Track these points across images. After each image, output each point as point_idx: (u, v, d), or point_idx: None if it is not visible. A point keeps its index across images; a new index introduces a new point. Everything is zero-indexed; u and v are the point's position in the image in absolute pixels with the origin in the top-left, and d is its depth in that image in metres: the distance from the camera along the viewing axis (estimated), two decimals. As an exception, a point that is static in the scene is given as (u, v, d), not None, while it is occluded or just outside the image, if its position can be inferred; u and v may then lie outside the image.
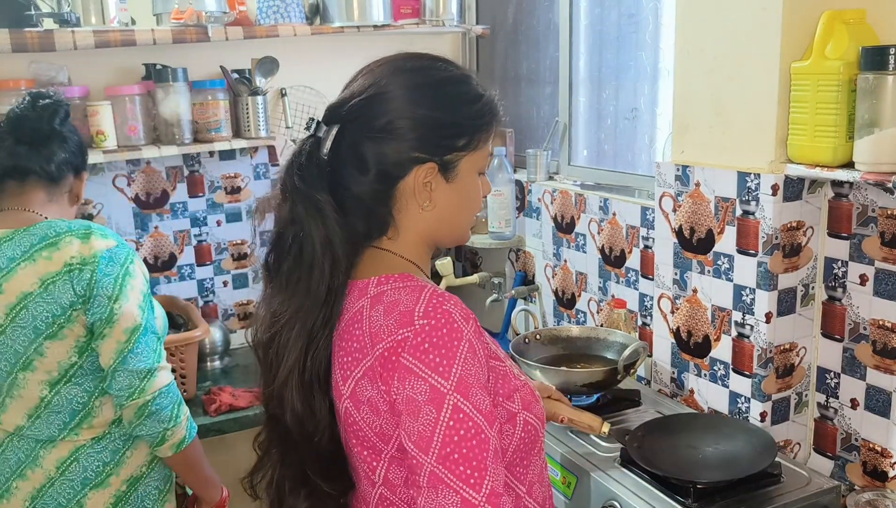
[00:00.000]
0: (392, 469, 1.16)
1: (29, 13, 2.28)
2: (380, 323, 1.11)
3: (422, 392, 1.05)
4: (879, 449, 1.78)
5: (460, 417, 1.04)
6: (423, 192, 1.17)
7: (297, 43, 2.71)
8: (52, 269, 1.62)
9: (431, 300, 1.09)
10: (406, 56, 1.22)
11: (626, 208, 2.31)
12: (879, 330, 1.75)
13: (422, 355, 1.06)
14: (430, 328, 1.07)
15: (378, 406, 1.11)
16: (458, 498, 1.02)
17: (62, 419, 1.69)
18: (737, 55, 1.83)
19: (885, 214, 1.70)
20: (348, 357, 1.15)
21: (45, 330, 1.63)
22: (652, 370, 2.19)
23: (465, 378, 1.06)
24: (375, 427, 1.13)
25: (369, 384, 1.11)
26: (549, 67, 2.78)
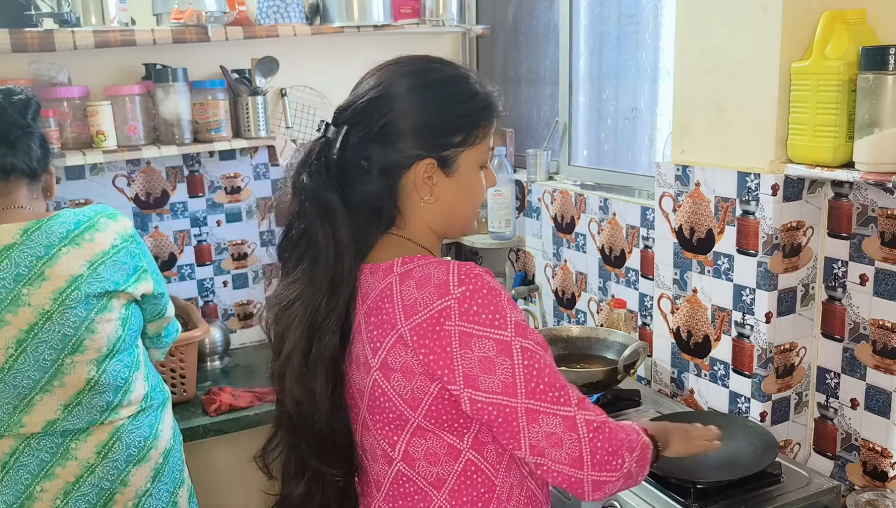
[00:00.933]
0: (413, 443, 1.22)
1: (29, 13, 2.28)
2: (414, 296, 1.17)
3: (490, 349, 1.15)
4: (879, 449, 1.78)
5: (530, 355, 1.16)
6: (425, 186, 1.24)
7: (297, 43, 2.70)
8: (97, 250, 1.69)
9: (461, 269, 1.17)
10: (407, 59, 1.29)
11: (626, 208, 2.31)
12: (879, 330, 1.75)
13: (474, 317, 1.15)
14: (471, 293, 1.15)
15: (413, 369, 1.18)
16: (559, 419, 1.15)
17: (106, 399, 1.73)
18: (737, 55, 1.83)
19: (885, 214, 1.70)
20: (378, 330, 1.20)
21: (96, 305, 1.68)
22: (652, 370, 2.19)
23: (518, 322, 1.17)
24: (406, 394, 1.19)
25: (402, 350, 1.18)
26: (549, 67, 2.78)
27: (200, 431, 2.25)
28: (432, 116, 1.23)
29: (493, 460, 1.24)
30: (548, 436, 1.15)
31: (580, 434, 1.15)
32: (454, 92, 1.26)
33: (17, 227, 1.67)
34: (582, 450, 1.15)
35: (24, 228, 1.67)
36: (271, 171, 2.83)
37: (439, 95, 1.24)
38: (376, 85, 1.24)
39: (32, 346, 1.66)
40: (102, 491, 1.73)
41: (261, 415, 2.33)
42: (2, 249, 1.65)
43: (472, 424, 1.22)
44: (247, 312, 2.88)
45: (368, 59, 1.30)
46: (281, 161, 2.77)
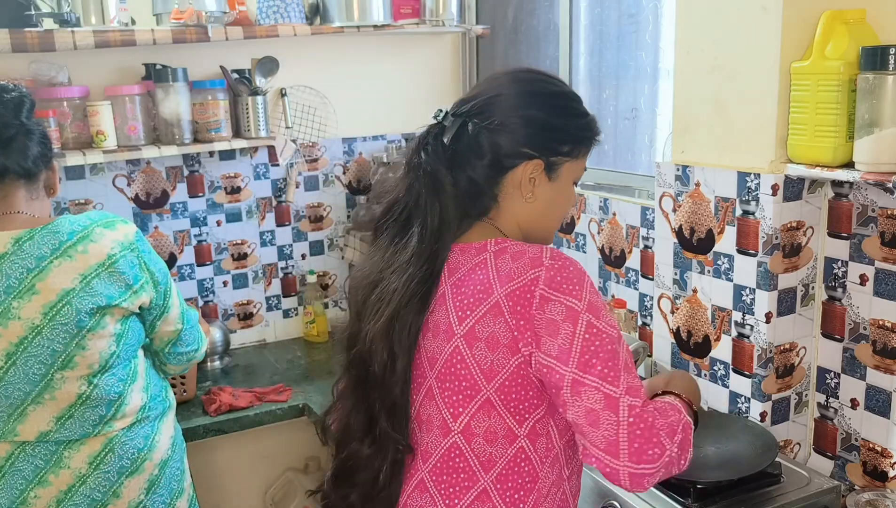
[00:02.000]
0: (477, 417, 1.27)
1: (29, 13, 2.29)
2: (509, 266, 1.25)
3: (559, 313, 1.20)
4: (879, 449, 1.78)
5: (594, 331, 1.19)
6: (528, 185, 1.32)
7: (297, 43, 2.71)
8: (91, 262, 1.63)
9: (554, 251, 1.26)
10: (528, 69, 1.40)
11: (626, 208, 2.31)
12: (879, 330, 1.75)
13: (556, 285, 1.21)
14: (560, 267, 1.23)
15: (498, 340, 1.23)
16: (601, 395, 1.17)
17: (98, 413, 1.69)
18: (737, 55, 1.83)
19: (885, 214, 1.70)
20: (469, 299, 1.27)
21: (87, 323, 1.63)
22: (652, 370, 2.19)
23: (594, 303, 1.22)
24: (485, 363, 1.25)
25: (492, 319, 1.23)
26: (549, 66, 2.77)
27: (200, 431, 2.25)
28: (550, 121, 1.32)
29: (543, 453, 1.29)
30: (587, 412, 1.17)
31: (619, 417, 1.15)
32: (571, 106, 1.36)
33: (10, 236, 1.62)
34: (619, 435, 1.15)
35: (16, 237, 1.62)
36: (271, 171, 2.83)
37: (559, 105, 1.35)
38: (500, 85, 1.34)
39: (22, 360, 1.62)
40: (94, 502, 1.70)
41: (261, 415, 2.33)
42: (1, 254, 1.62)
43: (533, 411, 1.27)
44: (247, 312, 2.88)
45: (368, 59, 1.31)
46: (281, 161, 2.77)
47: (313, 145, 2.86)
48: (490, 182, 1.33)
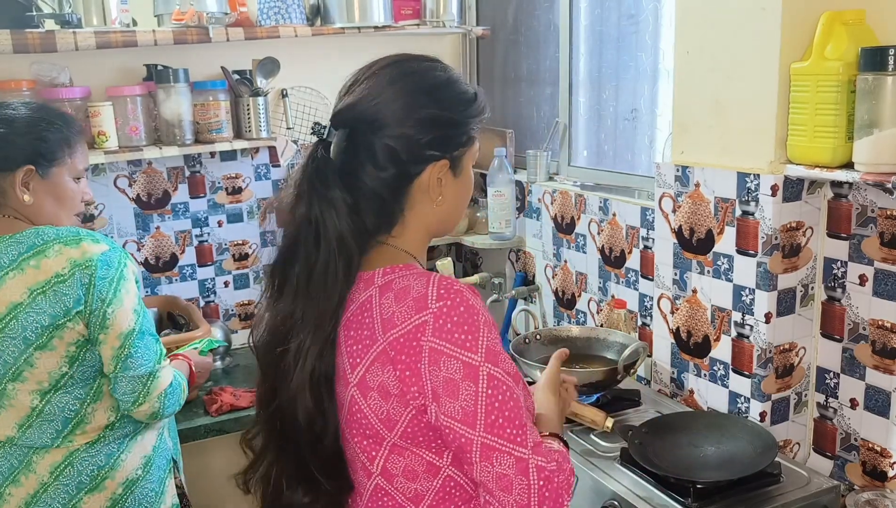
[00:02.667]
0: (392, 459, 1.20)
1: (30, 14, 2.29)
2: (392, 309, 1.15)
3: (457, 371, 1.11)
4: (879, 449, 1.79)
5: (495, 384, 1.12)
6: (437, 188, 1.23)
7: (298, 44, 2.71)
8: (40, 278, 1.59)
9: (441, 283, 1.15)
10: (406, 58, 1.27)
11: (626, 209, 2.31)
12: (879, 330, 1.75)
13: (447, 335, 1.11)
14: (448, 309, 1.12)
15: (388, 391, 1.15)
16: (512, 459, 1.11)
17: (55, 427, 1.67)
18: (736, 56, 1.83)
19: (885, 214, 1.71)
20: (358, 345, 1.18)
21: (34, 341, 1.61)
22: (652, 370, 2.20)
23: (490, 347, 1.13)
24: (381, 414, 1.17)
25: (380, 369, 1.15)
26: (549, 67, 2.78)
27: (202, 431, 2.25)
28: (446, 117, 1.22)
29: None
30: (499, 478, 1.11)
31: (531, 481, 1.11)
32: (459, 92, 1.26)
33: None
34: (530, 499, 1.11)
35: None
36: (272, 171, 2.83)
37: (449, 97, 1.24)
38: (381, 85, 1.21)
39: None
40: None
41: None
42: None
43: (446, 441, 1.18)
44: (248, 312, 2.89)
45: (369, 60, 1.29)
46: (282, 162, 2.78)
47: (314, 146, 2.86)
48: (396, 194, 1.22)
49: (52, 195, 1.72)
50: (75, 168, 1.75)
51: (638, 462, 1.71)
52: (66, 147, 1.73)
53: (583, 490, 1.76)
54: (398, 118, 1.19)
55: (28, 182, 1.68)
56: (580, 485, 1.76)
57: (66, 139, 1.73)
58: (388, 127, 1.19)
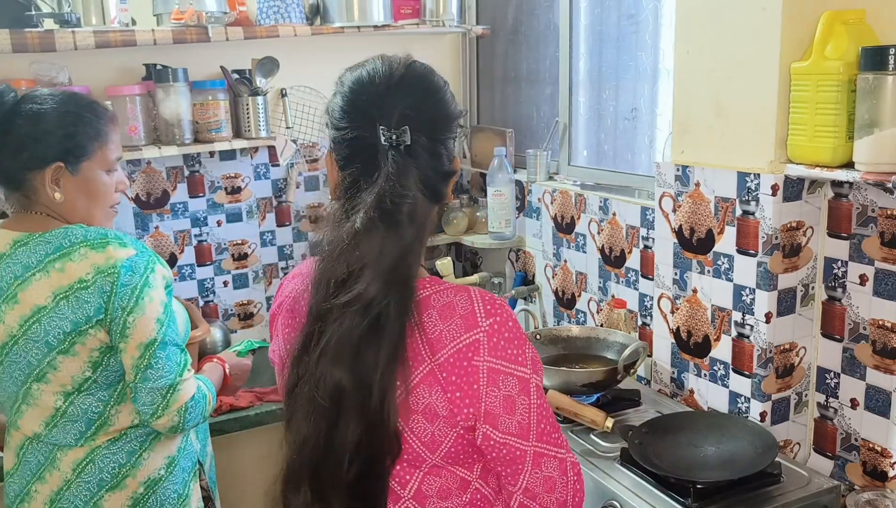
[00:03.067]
0: (427, 481, 1.18)
1: (29, 13, 2.29)
2: (439, 329, 1.12)
3: (514, 387, 1.13)
4: (879, 449, 1.78)
5: (540, 393, 1.17)
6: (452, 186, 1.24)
7: (298, 43, 2.71)
8: (64, 282, 1.57)
9: (484, 298, 1.14)
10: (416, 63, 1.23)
11: (626, 209, 2.31)
12: (879, 330, 1.75)
13: (501, 352, 1.12)
14: (500, 325, 1.13)
15: (437, 412, 1.13)
16: (556, 462, 1.17)
17: (78, 428, 1.66)
18: (737, 55, 1.83)
19: (885, 214, 1.71)
20: None
21: (56, 345, 1.59)
22: (652, 369, 2.20)
23: (534, 357, 1.17)
24: (425, 437, 1.14)
25: (427, 391, 1.12)
26: (549, 67, 2.78)
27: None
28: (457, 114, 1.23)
29: (494, 486, 1.23)
30: (545, 480, 1.16)
31: (568, 478, 1.18)
32: None
33: (11, 236, 1.62)
34: (568, 495, 1.19)
35: (15, 239, 1.62)
36: (272, 171, 2.83)
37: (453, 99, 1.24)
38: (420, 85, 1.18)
39: (7, 362, 1.63)
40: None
41: (261, 415, 2.33)
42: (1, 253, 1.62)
43: (480, 455, 1.20)
44: (247, 312, 2.89)
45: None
46: (281, 161, 2.78)
47: (313, 146, 2.86)
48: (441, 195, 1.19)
49: (83, 191, 1.67)
50: (107, 160, 1.70)
51: (638, 462, 1.71)
52: (96, 140, 1.67)
53: (583, 491, 1.76)
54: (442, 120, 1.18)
55: (58, 179, 1.63)
56: (580, 485, 1.76)
57: (96, 132, 1.67)
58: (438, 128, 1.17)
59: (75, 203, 1.66)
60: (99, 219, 1.70)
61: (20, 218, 1.67)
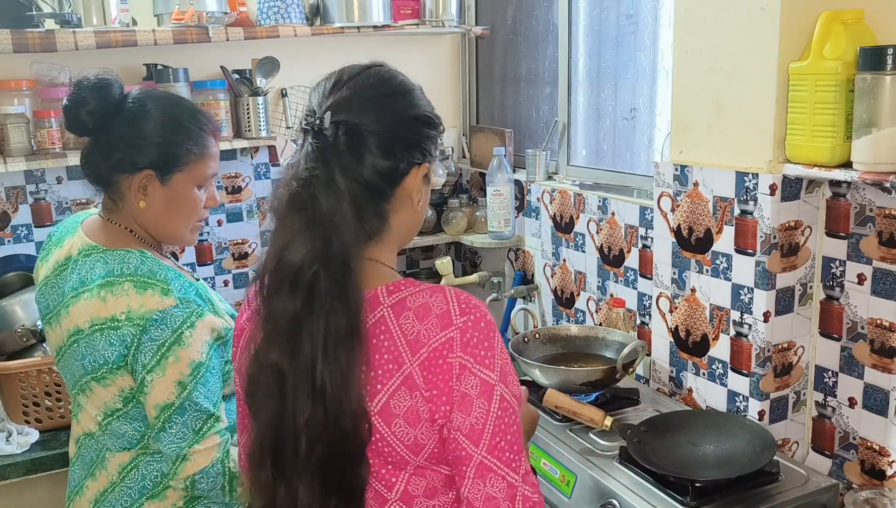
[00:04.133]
0: (413, 481, 1.17)
1: (30, 14, 2.29)
2: (416, 329, 1.11)
3: (474, 387, 1.11)
4: (877, 448, 1.79)
5: (504, 405, 1.12)
6: (419, 192, 1.22)
7: (298, 43, 2.71)
8: (101, 314, 1.50)
9: (459, 297, 1.14)
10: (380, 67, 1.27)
11: (625, 208, 2.31)
12: (877, 329, 1.76)
13: (471, 349, 1.11)
14: (472, 324, 1.12)
15: (418, 415, 1.12)
16: (505, 484, 1.11)
17: (120, 444, 1.61)
18: (735, 55, 1.83)
19: (883, 213, 1.71)
20: (378, 371, 1.12)
21: (91, 371, 1.54)
22: (651, 368, 2.20)
23: (504, 367, 1.13)
24: (408, 440, 1.13)
25: (408, 394, 1.11)
26: (549, 67, 2.78)
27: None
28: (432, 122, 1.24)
29: None
30: (487, 498, 1.11)
31: None
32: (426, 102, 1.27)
33: (84, 242, 1.58)
34: None
35: (85, 246, 1.58)
36: (272, 171, 2.84)
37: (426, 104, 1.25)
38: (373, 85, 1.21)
39: (63, 363, 1.63)
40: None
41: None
42: (72, 257, 1.58)
43: None
44: (247, 311, 2.89)
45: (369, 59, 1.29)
46: (281, 161, 2.78)
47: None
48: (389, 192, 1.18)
49: (170, 203, 1.59)
50: (201, 175, 1.61)
51: (637, 460, 1.72)
52: (193, 153, 1.59)
53: (582, 489, 1.76)
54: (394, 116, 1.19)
55: (146, 187, 1.57)
56: (579, 484, 1.77)
57: (195, 144, 1.59)
58: (384, 123, 1.17)
59: (159, 214, 1.59)
60: (182, 233, 1.64)
61: (100, 225, 1.62)
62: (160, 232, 1.62)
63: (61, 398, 2.19)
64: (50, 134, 2.37)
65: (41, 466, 2.08)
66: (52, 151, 2.37)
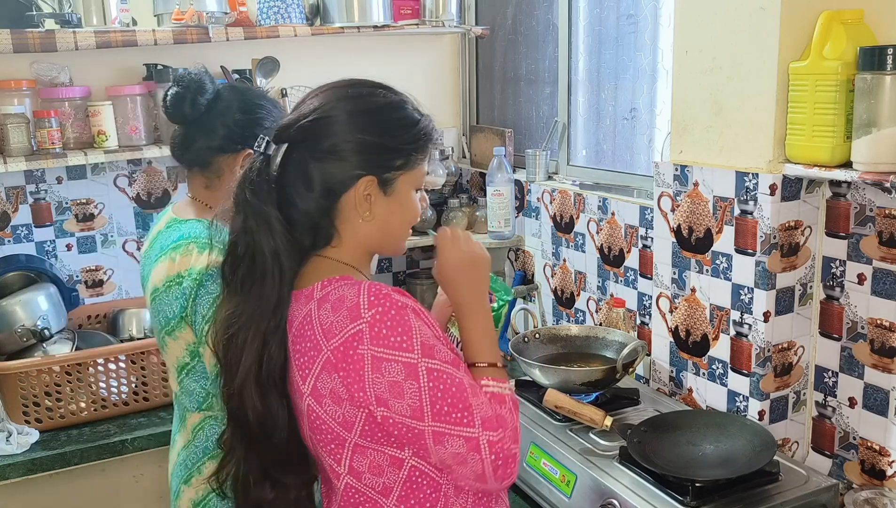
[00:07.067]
0: (356, 458, 1.26)
1: (30, 14, 2.29)
2: (330, 320, 1.21)
3: (399, 373, 1.18)
4: (877, 448, 1.79)
5: (435, 376, 1.19)
6: (364, 204, 1.28)
7: (298, 43, 2.71)
8: (171, 272, 1.64)
9: (371, 290, 1.21)
10: (350, 82, 1.33)
11: (625, 208, 2.31)
12: (877, 329, 1.76)
13: (384, 340, 1.18)
14: (381, 315, 1.19)
15: (339, 395, 1.21)
16: (462, 440, 1.20)
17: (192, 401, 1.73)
18: (735, 55, 1.83)
19: (883, 213, 1.71)
20: (304, 357, 1.24)
21: (165, 326, 1.67)
22: (651, 368, 2.20)
23: (425, 342, 1.20)
24: (338, 417, 1.23)
25: (328, 376, 1.21)
26: (549, 67, 2.78)
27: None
28: (375, 140, 1.27)
29: None
30: (453, 456, 1.21)
31: (482, 455, 1.20)
32: (397, 118, 1.31)
33: (170, 217, 1.74)
34: (485, 469, 1.21)
35: (170, 220, 1.74)
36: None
37: (384, 121, 1.29)
38: (321, 106, 1.28)
39: (153, 325, 1.75)
40: (186, 470, 1.74)
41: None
42: (161, 231, 1.74)
43: None
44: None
45: (368, 59, 1.31)
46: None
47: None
48: (325, 212, 1.28)
49: None
50: None
51: (637, 460, 1.72)
52: None
53: (582, 489, 1.76)
54: (329, 138, 1.26)
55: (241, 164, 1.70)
56: (579, 483, 1.77)
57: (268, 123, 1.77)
58: (319, 145, 1.26)
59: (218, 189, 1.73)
60: None
61: (186, 202, 1.78)
62: None
63: (61, 398, 2.20)
64: (50, 134, 2.37)
65: (41, 466, 2.08)
66: (52, 151, 2.37)
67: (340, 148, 1.26)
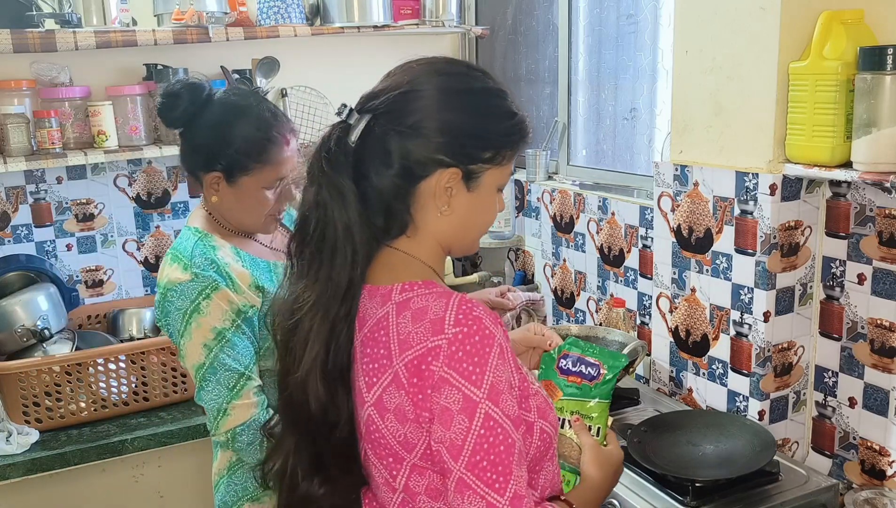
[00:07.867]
0: (413, 478, 1.16)
1: (30, 14, 2.29)
2: (408, 330, 1.11)
3: (455, 402, 1.07)
4: (877, 448, 1.79)
5: (490, 425, 1.07)
6: (443, 196, 1.17)
7: (298, 43, 2.71)
8: (161, 281, 1.68)
9: (461, 307, 1.10)
10: (446, 60, 1.23)
11: (625, 208, 2.31)
12: (877, 329, 1.76)
13: (456, 363, 1.07)
14: (463, 336, 1.08)
15: (405, 414, 1.11)
16: (484, 504, 1.06)
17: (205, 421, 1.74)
18: (735, 55, 1.83)
19: (883, 213, 1.71)
20: (374, 364, 1.14)
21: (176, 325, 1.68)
22: (651, 368, 2.20)
23: (495, 385, 1.08)
24: (399, 436, 1.13)
25: (395, 392, 1.12)
26: (549, 67, 2.78)
27: (202, 430, 2.26)
28: (467, 125, 1.16)
29: None
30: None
31: None
32: (492, 105, 1.19)
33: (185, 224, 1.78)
34: None
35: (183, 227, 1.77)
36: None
37: (477, 105, 1.18)
38: (413, 79, 1.17)
39: None
40: None
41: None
42: None
43: None
44: (247, 311, 2.89)
45: (368, 59, 1.30)
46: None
47: (314, 145, 2.87)
48: (400, 194, 1.16)
49: (238, 200, 1.70)
50: (267, 179, 1.69)
51: (637, 460, 1.72)
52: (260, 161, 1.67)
53: (582, 489, 1.76)
54: (417, 114, 1.14)
55: (217, 186, 1.69)
56: (579, 484, 1.76)
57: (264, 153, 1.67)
58: (403, 120, 1.14)
59: (230, 207, 1.72)
60: (255, 225, 1.75)
61: (197, 207, 1.80)
62: (233, 220, 1.75)
63: (61, 398, 2.20)
64: (50, 134, 2.37)
65: (41, 466, 2.08)
66: (52, 151, 2.37)
67: (425, 126, 1.14)
